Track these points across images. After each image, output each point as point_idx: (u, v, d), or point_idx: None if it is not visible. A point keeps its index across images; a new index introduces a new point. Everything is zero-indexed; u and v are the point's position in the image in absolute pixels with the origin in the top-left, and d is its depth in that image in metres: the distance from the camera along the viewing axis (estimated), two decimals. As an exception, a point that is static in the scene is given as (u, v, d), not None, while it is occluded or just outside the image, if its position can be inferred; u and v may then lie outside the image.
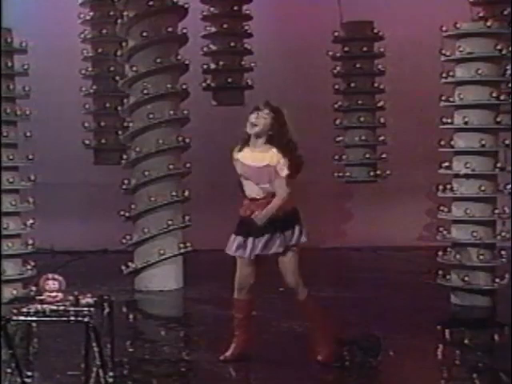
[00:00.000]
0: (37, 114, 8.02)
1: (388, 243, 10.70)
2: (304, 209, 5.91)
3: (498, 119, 7.59)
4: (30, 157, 7.87)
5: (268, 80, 10.23)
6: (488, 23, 7.60)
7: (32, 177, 7.90)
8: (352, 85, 10.11)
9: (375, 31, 10.10)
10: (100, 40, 10.14)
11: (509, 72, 7.65)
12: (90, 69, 10.27)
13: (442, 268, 7.89)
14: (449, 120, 7.76)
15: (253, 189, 5.79)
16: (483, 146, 7.56)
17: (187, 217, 8.78)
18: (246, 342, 5.94)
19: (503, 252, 7.71)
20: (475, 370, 5.72)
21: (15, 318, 4.68)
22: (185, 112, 8.80)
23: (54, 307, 4.75)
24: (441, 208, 7.94)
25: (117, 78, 9.27)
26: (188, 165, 8.81)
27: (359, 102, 10.11)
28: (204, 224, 9.48)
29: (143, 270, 8.65)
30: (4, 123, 7.67)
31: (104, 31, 10.00)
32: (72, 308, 4.75)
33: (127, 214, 8.67)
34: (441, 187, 7.83)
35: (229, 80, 10.11)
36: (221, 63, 10.11)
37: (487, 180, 7.63)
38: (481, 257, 7.61)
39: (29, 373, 5.15)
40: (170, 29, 8.61)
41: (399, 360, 6.07)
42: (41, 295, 4.90)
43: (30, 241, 7.88)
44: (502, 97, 7.59)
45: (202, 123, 9.87)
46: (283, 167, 5.67)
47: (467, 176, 7.63)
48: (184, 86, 8.81)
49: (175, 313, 8.29)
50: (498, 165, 7.63)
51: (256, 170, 5.75)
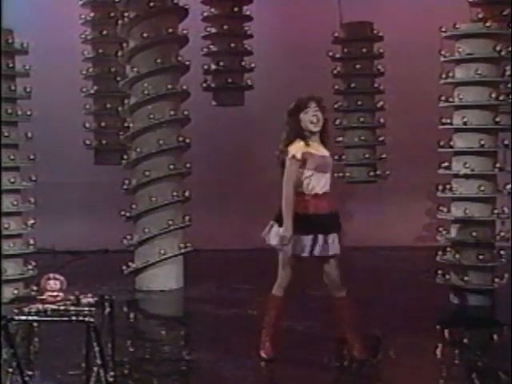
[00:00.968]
0: (38, 115, 8.02)
1: (387, 243, 10.71)
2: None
3: (497, 119, 7.61)
4: (31, 157, 7.90)
5: (268, 80, 10.27)
6: (487, 24, 7.63)
7: (33, 177, 7.92)
8: (352, 85, 10.13)
9: (375, 32, 10.11)
10: (101, 41, 10.16)
11: (508, 73, 7.66)
12: (91, 69, 10.28)
13: (442, 268, 7.91)
14: (448, 120, 7.78)
15: (324, 183, 5.81)
16: (482, 146, 7.58)
17: (187, 217, 8.79)
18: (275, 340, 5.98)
19: (502, 252, 7.73)
20: (474, 370, 5.73)
21: (16, 318, 4.68)
22: (185, 112, 8.82)
23: (55, 307, 4.76)
24: (440, 208, 7.96)
25: (117, 79, 9.30)
26: (188, 165, 8.83)
27: (359, 103, 10.13)
28: (204, 224, 9.50)
29: (144, 270, 8.67)
30: (5, 124, 7.70)
31: (105, 32, 10.02)
32: (73, 308, 4.75)
33: (128, 214, 8.69)
34: (440, 187, 7.86)
35: (229, 80, 10.13)
36: (221, 64, 10.12)
37: (486, 180, 7.65)
38: (480, 257, 7.62)
39: (30, 372, 5.18)
40: (171, 30, 8.63)
41: (399, 359, 6.07)
42: (42, 295, 4.90)
43: (32, 241, 7.91)
44: (501, 97, 7.61)
45: (203, 123, 9.88)
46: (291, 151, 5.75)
47: (466, 176, 7.65)
48: (184, 87, 8.83)
49: (176, 312, 8.31)
50: (497, 165, 7.65)
51: (330, 161, 5.86)
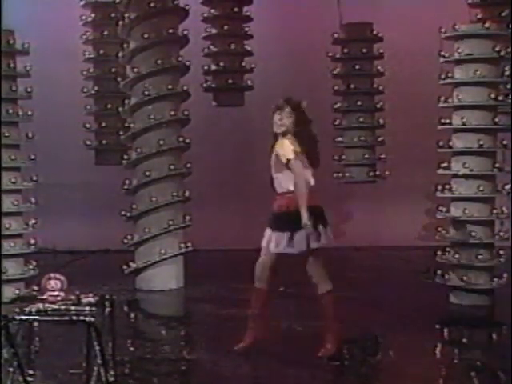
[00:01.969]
0: (39, 115, 8.03)
1: (387, 243, 10.72)
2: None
3: (496, 120, 7.62)
4: (32, 157, 7.92)
5: (268, 81, 10.27)
6: (486, 25, 7.65)
7: (34, 177, 7.93)
8: (351, 86, 10.15)
9: (374, 33, 10.13)
10: (101, 41, 10.19)
11: (507, 73, 7.68)
12: (92, 70, 10.31)
13: (441, 267, 7.92)
14: (447, 121, 7.79)
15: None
16: (481, 147, 7.60)
17: (188, 217, 8.81)
18: (256, 336, 6.08)
19: (501, 252, 7.74)
20: (473, 369, 5.74)
21: (17, 318, 4.67)
22: (185, 113, 8.83)
23: (56, 306, 4.76)
24: (439, 208, 7.97)
25: (118, 79, 9.31)
26: (189, 165, 8.84)
27: (358, 103, 10.14)
28: (204, 224, 9.52)
29: (144, 270, 8.69)
30: (6, 124, 7.71)
31: (105, 33, 10.05)
32: (74, 307, 4.75)
33: (128, 214, 8.70)
34: (439, 187, 7.87)
35: (229, 81, 10.15)
36: (221, 64, 10.14)
37: (485, 180, 7.67)
38: (479, 256, 7.65)
39: (31, 371, 5.16)
40: (171, 30, 8.65)
41: (398, 358, 6.09)
42: (43, 295, 4.89)
43: (32, 240, 7.93)
44: (500, 98, 7.63)
45: (203, 124, 9.92)
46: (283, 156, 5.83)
47: (466, 176, 7.67)
48: (185, 87, 8.85)
49: (176, 312, 8.31)
50: (496, 165, 7.67)
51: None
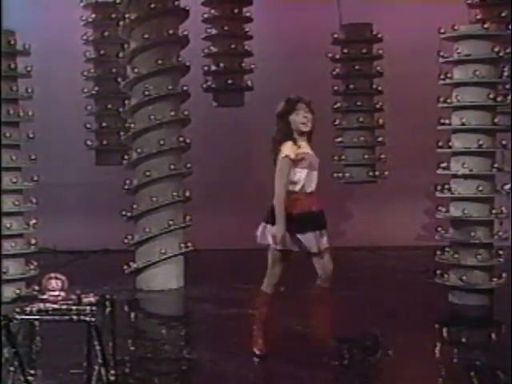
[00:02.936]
0: (39, 115, 8.06)
1: (387, 243, 10.74)
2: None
3: (496, 120, 7.64)
4: (33, 157, 7.94)
5: (268, 81, 10.27)
6: (485, 25, 7.65)
7: (35, 177, 7.96)
8: (351, 86, 10.16)
9: (374, 33, 10.13)
10: (102, 42, 10.18)
11: (506, 73, 7.70)
12: (92, 70, 10.31)
13: (440, 267, 7.94)
14: (446, 121, 7.80)
15: (314, 182, 5.90)
16: (480, 147, 7.61)
17: (188, 217, 8.82)
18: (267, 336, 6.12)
19: (501, 251, 7.76)
20: (473, 368, 5.75)
21: (18, 317, 4.70)
22: (185, 113, 8.85)
23: (57, 306, 4.78)
24: (439, 208, 7.98)
25: (118, 80, 9.32)
26: (189, 165, 8.86)
27: (358, 104, 10.15)
28: (205, 224, 9.53)
29: (144, 270, 8.71)
30: (7, 124, 7.73)
31: (106, 33, 10.04)
32: (74, 307, 4.77)
33: (129, 214, 8.72)
34: (439, 187, 7.87)
35: (229, 81, 10.16)
36: (221, 65, 10.16)
37: (485, 180, 7.68)
38: (478, 256, 7.66)
39: (31, 371, 5.18)
40: (172, 31, 8.65)
41: (398, 358, 6.10)
42: (43, 294, 4.92)
43: (33, 240, 7.95)
44: (499, 98, 7.63)
45: (203, 124, 9.92)
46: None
47: (465, 176, 7.68)
48: (185, 88, 8.86)
49: (176, 312, 8.34)
50: (496, 165, 7.69)
51: (317, 160, 5.94)
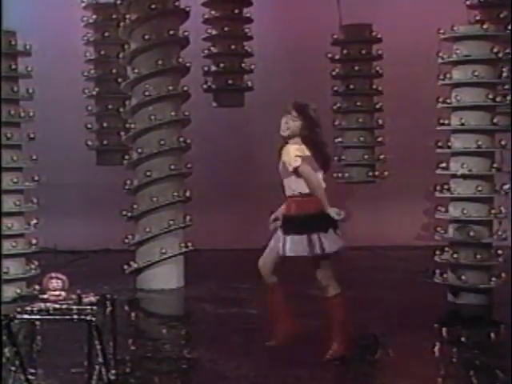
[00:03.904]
0: (40, 116, 8.07)
1: (386, 242, 10.76)
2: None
3: (495, 120, 7.66)
4: (34, 157, 7.95)
5: (268, 82, 10.32)
6: (484, 26, 7.69)
7: (36, 177, 7.97)
8: (351, 86, 10.20)
9: (373, 34, 10.17)
10: (102, 42, 10.21)
11: (505, 74, 7.72)
12: (93, 71, 10.33)
13: (440, 267, 7.96)
14: (446, 121, 7.81)
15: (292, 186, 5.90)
16: (480, 147, 7.63)
17: (188, 217, 8.84)
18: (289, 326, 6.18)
19: (500, 251, 7.77)
20: (472, 368, 5.77)
21: (19, 317, 4.71)
22: (186, 113, 8.87)
23: (58, 306, 4.79)
24: (438, 208, 8.00)
25: (119, 80, 9.34)
26: (189, 165, 8.87)
27: (358, 104, 10.19)
28: (205, 224, 9.55)
29: (145, 269, 8.73)
30: (8, 124, 7.74)
31: (106, 34, 10.06)
32: (75, 306, 4.79)
33: (129, 214, 8.74)
34: (438, 187, 7.89)
35: (229, 82, 10.17)
36: (221, 65, 10.18)
37: (484, 180, 7.70)
38: (477, 256, 7.68)
39: (32, 370, 5.22)
40: (172, 31, 8.67)
41: (397, 358, 6.12)
42: (44, 294, 4.94)
43: (34, 240, 7.96)
44: (498, 98, 7.65)
45: (203, 124, 9.93)
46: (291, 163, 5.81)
47: (464, 176, 7.70)
48: (185, 88, 8.89)
49: (176, 311, 8.35)
50: (495, 165, 7.71)
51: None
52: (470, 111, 7.66)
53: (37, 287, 7.30)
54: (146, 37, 8.59)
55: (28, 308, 4.77)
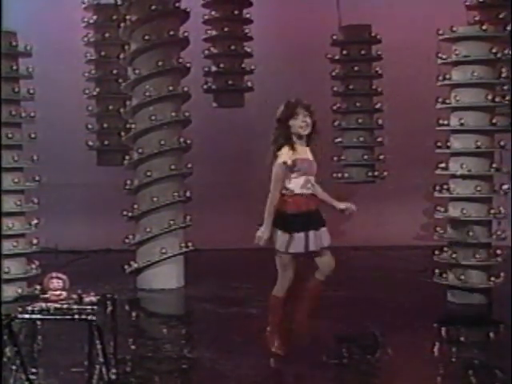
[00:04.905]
0: (41, 116, 8.10)
1: (386, 242, 10.76)
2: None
3: (494, 121, 7.67)
4: (35, 158, 7.97)
5: (268, 82, 10.33)
6: (483, 27, 7.69)
7: (36, 177, 8.00)
8: (350, 87, 10.22)
9: (373, 34, 10.18)
10: (103, 43, 10.22)
11: (504, 75, 7.74)
12: (94, 71, 10.34)
13: (439, 267, 7.97)
14: (445, 122, 7.83)
15: (311, 184, 5.98)
16: (479, 148, 7.64)
17: (189, 217, 8.85)
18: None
19: (499, 251, 7.79)
20: (471, 367, 5.78)
21: (20, 316, 4.74)
22: (186, 114, 8.88)
23: (58, 305, 4.82)
24: (437, 208, 8.01)
25: (119, 81, 9.35)
26: (189, 165, 8.89)
27: (357, 104, 10.20)
28: (205, 224, 9.56)
29: (145, 269, 8.74)
30: (9, 125, 7.78)
31: (107, 35, 10.07)
32: (76, 306, 4.81)
33: (130, 214, 8.75)
34: (437, 187, 7.91)
35: (229, 82, 10.22)
36: (221, 66, 10.21)
37: (483, 180, 7.71)
38: (477, 256, 7.70)
39: (33, 370, 5.25)
40: (172, 32, 8.69)
41: (396, 357, 6.13)
42: (45, 294, 4.96)
43: (35, 240, 7.98)
44: (497, 99, 7.67)
45: (203, 125, 9.93)
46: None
47: (463, 176, 7.71)
48: (185, 89, 8.90)
49: (177, 311, 8.37)
50: (494, 165, 7.72)
51: (315, 164, 6.01)
52: (470, 111, 7.67)
53: (38, 287, 7.28)
54: (147, 37, 8.60)
55: (29, 308, 4.79)
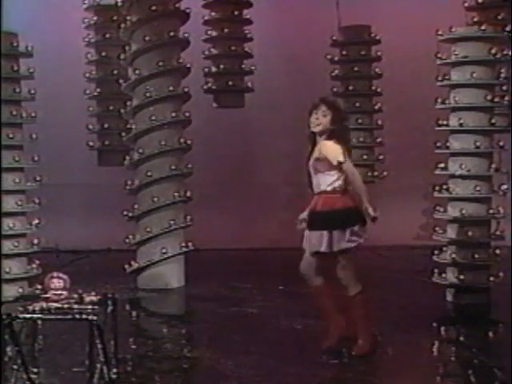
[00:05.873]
0: (42, 117, 8.10)
1: (385, 242, 10.69)
2: (304, 209, 6.11)
3: (493, 121, 7.69)
4: (36, 158, 7.97)
5: (268, 83, 10.35)
6: (482, 27, 7.71)
7: (37, 177, 8.01)
8: (350, 88, 10.21)
9: (372, 35, 10.19)
10: (104, 44, 10.21)
11: (503, 75, 7.76)
12: (94, 72, 10.34)
13: (438, 266, 7.99)
14: (444, 122, 7.84)
15: (320, 183, 5.97)
16: (478, 148, 7.66)
17: (189, 216, 8.87)
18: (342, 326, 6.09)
19: (498, 251, 7.80)
20: (470, 367, 5.79)
21: (21, 316, 4.74)
22: (186, 114, 8.89)
23: (59, 305, 4.82)
24: (437, 208, 8.03)
25: (120, 81, 9.36)
26: (190, 166, 8.90)
27: (357, 105, 10.18)
28: (205, 224, 9.57)
29: (146, 269, 8.75)
30: (10, 125, 7.78)
31: (108, 35, 10.07)
32: (76, 306, 4.82)
33: (130, 214, 8.77)
34: (437, 188, 7.92)
35: (229, 83, 10.22)
36: (221, 66, 10.22)
37: (482, 180, 7.73)
38: (476, 255, 7.71)
39: (34, 369, 5.22)
40: (172, 33, 8.70)
41: (396, 357, 6.14)
42: (46, 293, 4.96)
43: (36, 240, 7.98)
44: (496, 99, 7.69)
45: (204, 125, 9.93)
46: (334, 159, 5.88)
47: (463, 177, 7.73)
48: (186, 89, 8.92)
49: (177, 310, 8.37)
50: (493, 166, 7.74)
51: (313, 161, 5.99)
52: (469, 112, 7.68)
53: (39, 287, 7.31)
54: (147, 38, 8.62)
55: (30, 307, 4.79)
